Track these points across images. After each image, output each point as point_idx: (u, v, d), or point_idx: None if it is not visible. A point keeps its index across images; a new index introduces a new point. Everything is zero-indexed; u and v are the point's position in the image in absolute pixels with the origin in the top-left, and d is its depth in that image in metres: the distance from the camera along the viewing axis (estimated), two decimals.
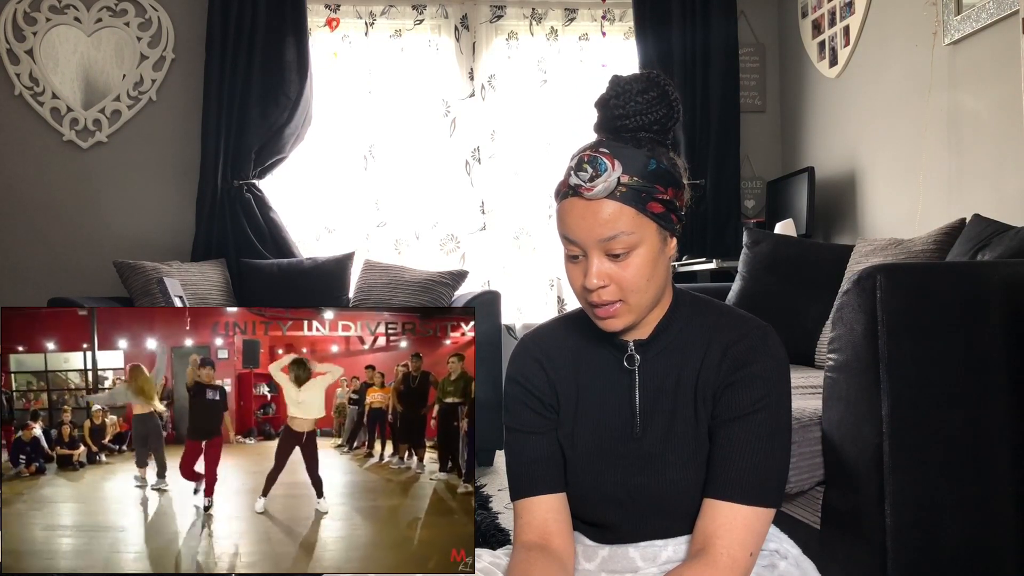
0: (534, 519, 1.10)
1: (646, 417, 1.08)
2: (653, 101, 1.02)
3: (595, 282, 1.01)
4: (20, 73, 3.90)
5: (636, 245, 1.00)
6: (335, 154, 4.17)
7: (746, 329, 1.07)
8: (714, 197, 4.14)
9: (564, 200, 1.03)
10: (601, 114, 1.05)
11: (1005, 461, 1.51)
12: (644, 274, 1.01)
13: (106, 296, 3.66)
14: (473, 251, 4.20)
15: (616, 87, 1.04)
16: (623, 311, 1.03)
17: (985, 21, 2.76)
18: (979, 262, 1.96)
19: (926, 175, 3.13)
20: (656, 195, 1.00)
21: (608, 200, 0.99)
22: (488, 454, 3.43)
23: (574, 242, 1.02)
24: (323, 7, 4.15)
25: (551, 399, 1.13)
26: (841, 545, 1.61)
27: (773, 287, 2.86)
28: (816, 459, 1.68)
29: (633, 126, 1.02)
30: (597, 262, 1.01)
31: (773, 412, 1.04)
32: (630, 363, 1.10)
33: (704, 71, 4.16)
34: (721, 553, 1.00)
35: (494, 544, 2.23)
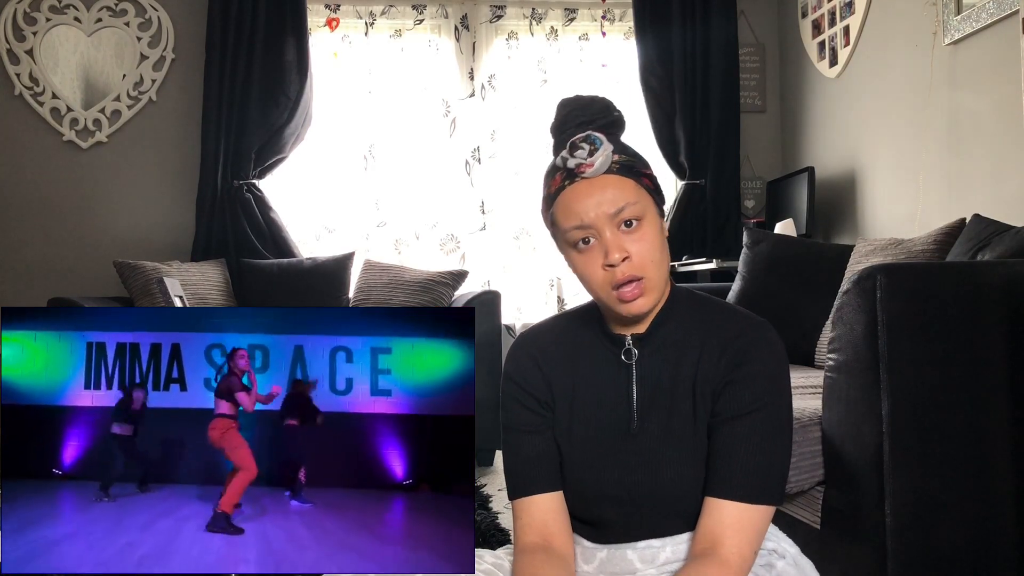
0: (534, 519, 1.10)
1: (643, 413, 1.08)
2: (604, 108, 1.08)
3: (616, 256, 1.01)
4: (20, 73, 3.90)
5: (643, 214, 1.03)
6: (335, 154, 4.17)
7: (745, 325, 1.07)
8: (714, 197, 4.14)
9: (562, 193, 1.04)
10: (560, 131, 1.08)
11: (1005, 461, 1.51)
12: (656, 246, 1.03)
13: (106, 296, 3.66)
14: (473, 251, 4.20)
15: (568, 105, 1.09)
16: (647, 288, 1.03)
17: (985, 21, 2.76)
18: (979, 262, 1.96)
19: (926, 175, 3.13)
20: (643, 171, 1.05)
21: (608, 175, 1.02)
22: (488, 454, 3.43)
23: (585, 226, 1.02)
24: (323, 7, 4.15)
25: (546, 396, 1.13)
26: (841, 545, 1.61)
27: (773, 287, 2.86)
28: (816, 459, 1.68)
29: (596, 128, 1.06)
30: (612, 236, 1.01)
31: (775, 409, 1.04)
32: (627, 357, 1.10)
33: (704, 71, 4.16)
34: (732, 553, 1.00)
35: (494, 544, 2.23)
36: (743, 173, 4.28)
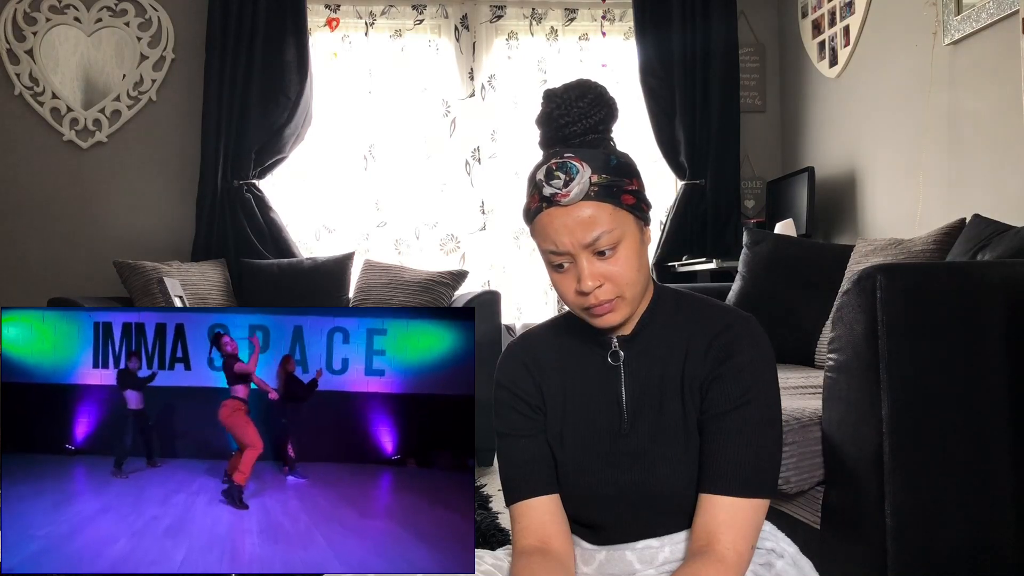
0: (531, 523, 1.10)
1: (633, 413, 1.09)
2: (592, 104, 1.04)
3: (590, 284, 1.01)
4: (20, 73, 3.90)
5: (620, 240, 1.01)
6: (335, 154, 4.17)
7: (729, 320, 1.08)
8: (714, 197, 4.14)
9: (539, 215, 1.03)
10: (545, 129, 1.06)
11: (1005, 461, 1.51)
12: (633, 265, 1.02)
13: (106, 296, 3.66)
14: (473, 251, 4.20)
15: (553, 99, 1.05)
16: (620, 305, 1.04)
17: (985, 21, 2.76)
18: (979, 262, 1.96)
19: (926, 175, 3.13)
20: (625, 187, 1.02)
21: (585, 202, 1.00)
22: (488, 454, 3.42)
23: (560, 252, 1.02)
24: (323, 7, 4.15)
25: (538, 401, 1.14)
26: (841, 545, 1.61)
27: (773, 287, 2.86)
28: (816, 459, 1.68)
29: (580, 130, 1.03)
30: (587, 264, 1.01)
31: (762, 402, 1.04)
32: (614, 359, 1.10)
33: (704, 71, 4.16)
34: (728, 549, 1.00)
35: (494, 544, 2.23)
36: (743, 173, 4.27)
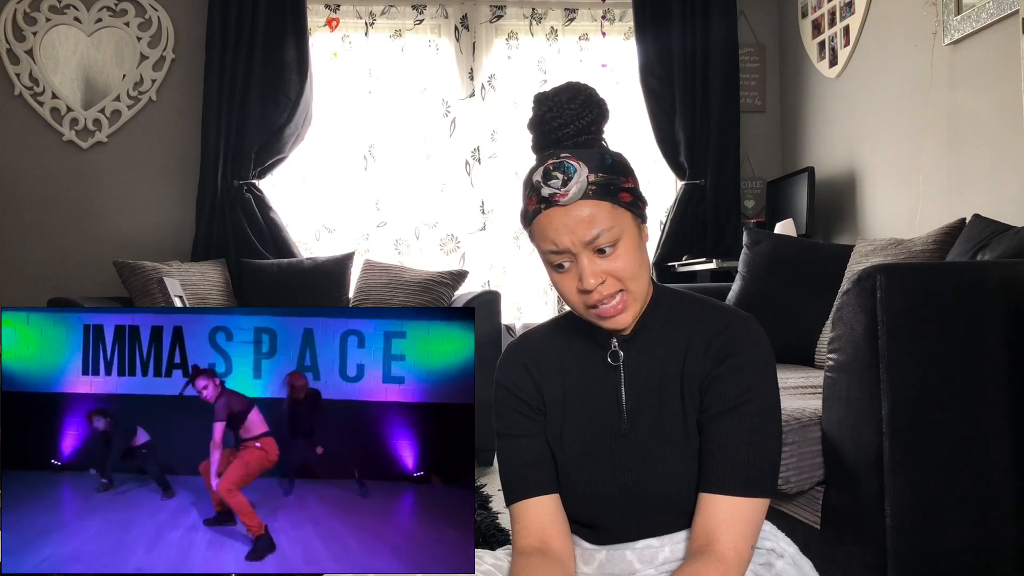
0: (531, 523, 1.10)
1: (633, 413, 1.09)
2: (583, 105, 1.04)
3: (592, 282, 1.01)
4: (20, 73, 3.90)
5: (619, 237, 1.02)
6: (335, 154, 4.17)
7: (727, 320, 1.08)
8: (714, 197, 4.14)
9: (538, 217, 1.03)
10: (538, 132, 1.06)
11: (1005, 461, 1.51)
12: (634, 261, 1.03)
13: (106, 296, 3.66)
14: (473, 251, 4.20)
15: (545, 103, 1.05)
16: (628, 301, 1.04)
17: (985, 21, 2.76)
18: (979, 262, 1.96)
19: (926, 175, 3.13)
20: (622, 185, 1.03)
21: (583, 201, 1.00)
22: (488, 454, 3.43)
23: (560, 251, 1.02)
24: (323, 7, 4.15)
25: (538, 402, 1.14)
26: (841, 545, 1.61)
27: (773, 287, 2.86)
28: (816, 459, 1.68)
29: (573, 132, 1.04)
30: (588, 263, 1.02)
31: (761, 401, 1.04)
32: (614, 359, 1.11)
33: (704, 71, 4.16)
34: (728, 548, 1.00)
35: (494, 544, 2.23)
36: (743, 173, 4.27)
